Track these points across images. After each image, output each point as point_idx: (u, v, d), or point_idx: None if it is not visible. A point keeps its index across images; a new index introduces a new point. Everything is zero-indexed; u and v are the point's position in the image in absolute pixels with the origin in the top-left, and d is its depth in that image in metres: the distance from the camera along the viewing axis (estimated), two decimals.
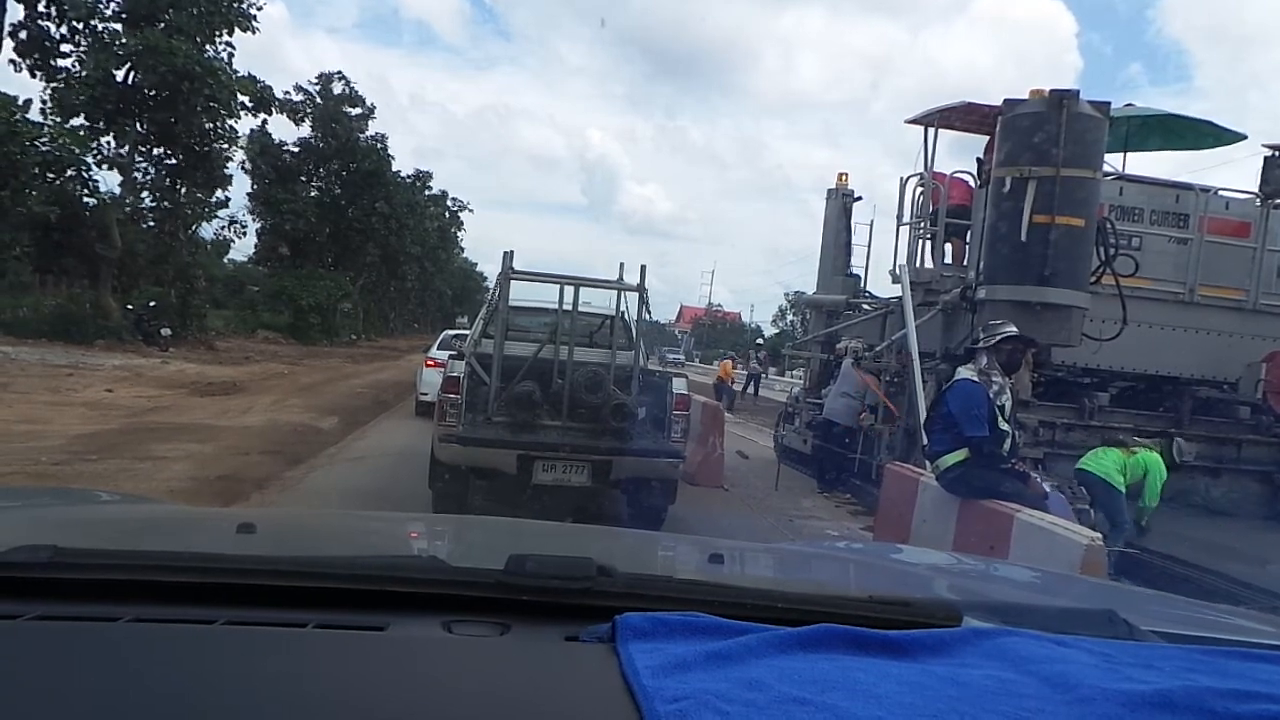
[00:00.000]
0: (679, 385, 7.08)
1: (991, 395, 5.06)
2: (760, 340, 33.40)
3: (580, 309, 6.91)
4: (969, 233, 9.17)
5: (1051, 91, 6.73)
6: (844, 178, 11.95)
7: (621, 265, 7.05)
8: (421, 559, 1.25)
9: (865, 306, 11.43)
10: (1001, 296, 6.85)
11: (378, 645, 0.89)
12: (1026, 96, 7.15)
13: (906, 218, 9.96)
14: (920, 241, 9.96)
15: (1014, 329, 5.45)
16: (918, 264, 9.79)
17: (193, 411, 11.86)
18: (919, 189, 9.89)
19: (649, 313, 7.47)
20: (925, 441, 5.55)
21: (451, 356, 7.36)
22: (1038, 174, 6.60)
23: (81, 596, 0.94)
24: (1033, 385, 7.89)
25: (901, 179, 10.07)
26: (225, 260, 45.23)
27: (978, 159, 9.27)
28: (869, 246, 11.83)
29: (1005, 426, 5.08)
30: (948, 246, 9.67)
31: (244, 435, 10.11)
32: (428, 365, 12.85)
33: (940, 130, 9.99)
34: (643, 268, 7.07)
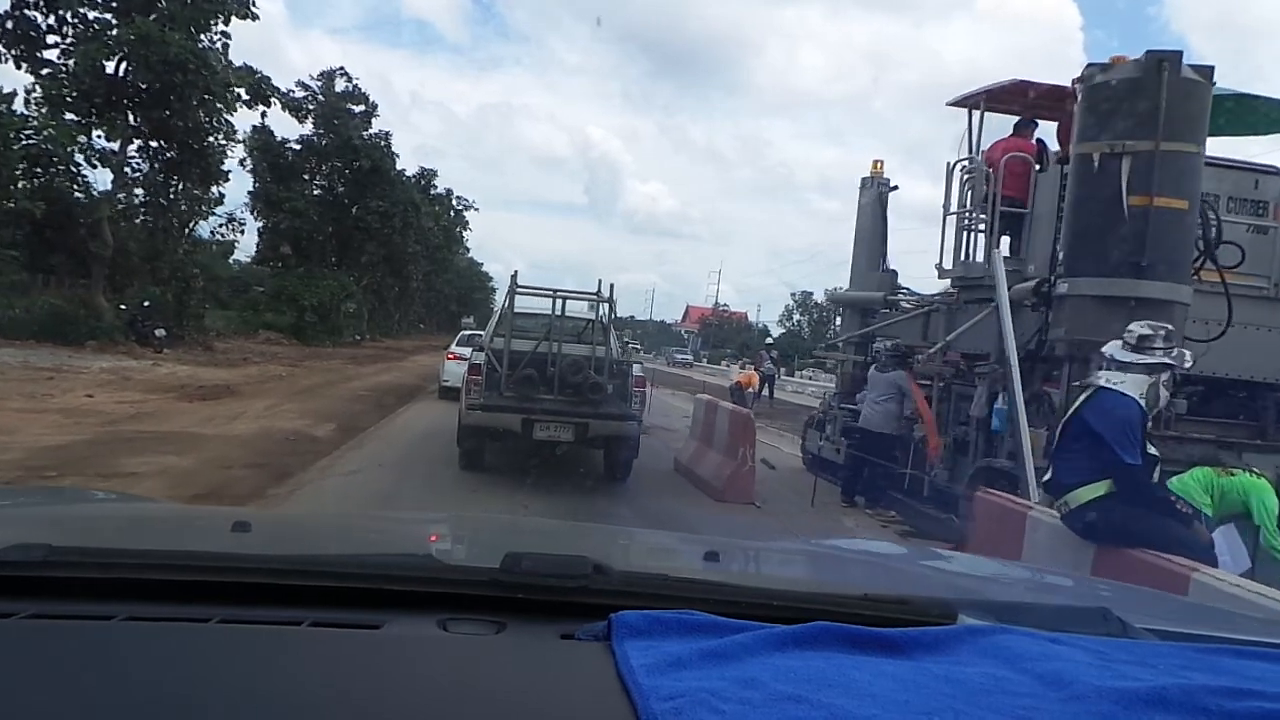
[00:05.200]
0: (637, 370, 9.55)
1: (1148, 413, 4.06)
2: (770, 340, 32.37)
3: (570, 314, 9.21)
4: (1025, 223, 8.31)
5: (1148, 53, 5.83)
6: (879, 165, 11.05)
7: (599, 281, 9.40)
8: (417, 557, 1.16)
9: (904, 304, 10.56)
10: (1086, 291, 5.98)
11: (373, 643, 0.89)
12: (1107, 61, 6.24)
13: (953, 207, 9.10)
14: (965, 234, 9.11)
15: (1170, 334, 4.34)
16: (963, 258, 8.97)
17: (177, 418, 11.10)
18: (966, 176, 9.03)
19: (615, 315, 9.82)
20: (1034, 470, 4.60)
21: (474, 350, 9.70)
22: (1133, 149, 5.70)
23: (76, 595, 0.93)
24: None
25: (948, 164, 9.20)
26: (230, 261, 44.53)
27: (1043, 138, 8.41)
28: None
29: (1155, 451, 4.14)
30: (1003, 239, 8.80)
31: (229, 445, 9.37)
32: (449, 359, 16.06)
33: (987, 113, 9.13)
34: (611, 286, 9.39)
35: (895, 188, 11.08)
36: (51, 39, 21.57)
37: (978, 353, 8.64)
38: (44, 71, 21.04)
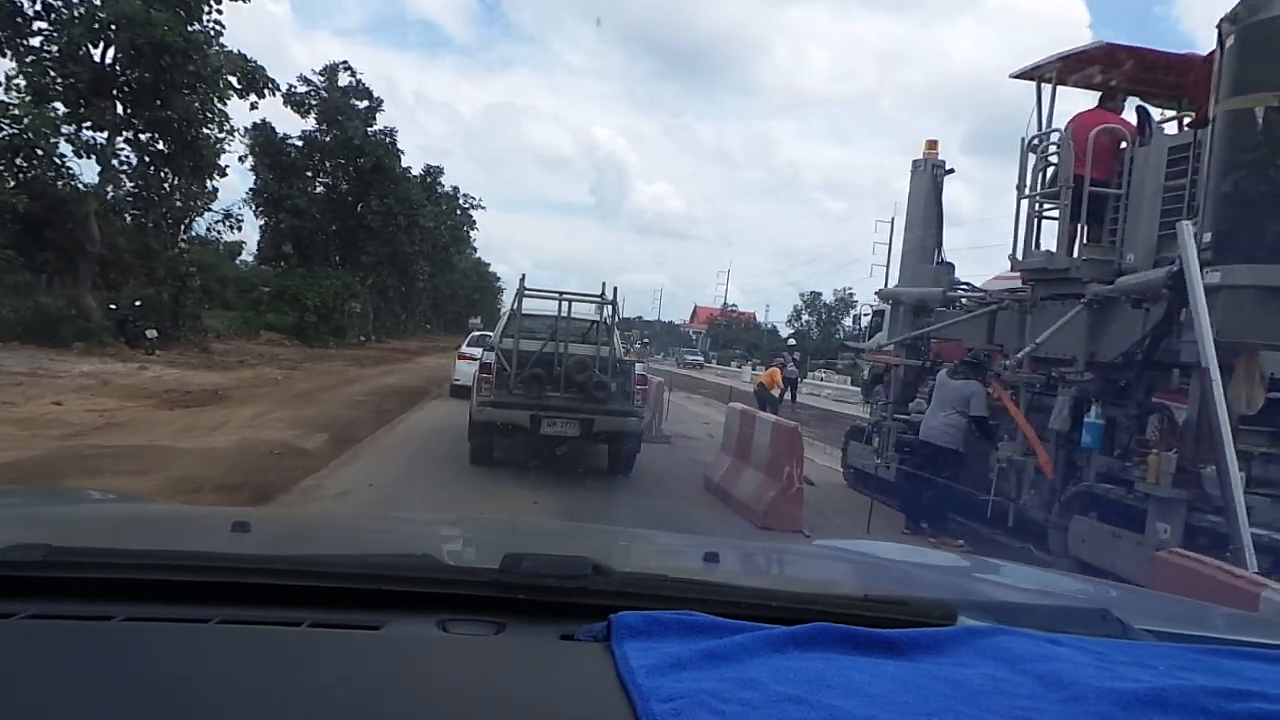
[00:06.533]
0: (639, 369, 10.32)
1: None
2: (793, 341, 31.07)
3: (575, 316, 9.63)
4: (1118, 206, 7.22)
5: None
6: (933, 146, 9.88)
7: (604, 284, 9.80)
8: (417, 558, 1.11)
9: (964, 301, 9.44)
10: (1247, 281, 4.83)
11: (373, 644, 0.88)
12: None
13: (1029, 189, 7.99)
14: (1038, 220, 8.05)
15: None
16: (1033, 246, 7.98)
17: (151, 429, 9.99)
18: (1043, 154, 7.94)
19: (619, 317, 10.37)
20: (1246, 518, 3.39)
21: (484, 349, 10.59)
22: None
23: (75, 595, 0.93)
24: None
25: (1023, 140, 8.12)
26: (238, 261, 43.56)
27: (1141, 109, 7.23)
28: (889, 246, 10.32)
29: None
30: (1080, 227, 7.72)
31: (203, 461, 8.30)
32: (460, 359, 16.66)
33: (1057, 86, 8.11)
34: (615, 289, 9.87)
35: (951, 170, 9.93)
36: (39, 25, 20.49)
37: (1059, 357, 7.50)
38: (29, 59, 19.92)
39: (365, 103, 38.36)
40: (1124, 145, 7.19)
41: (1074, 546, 6.40)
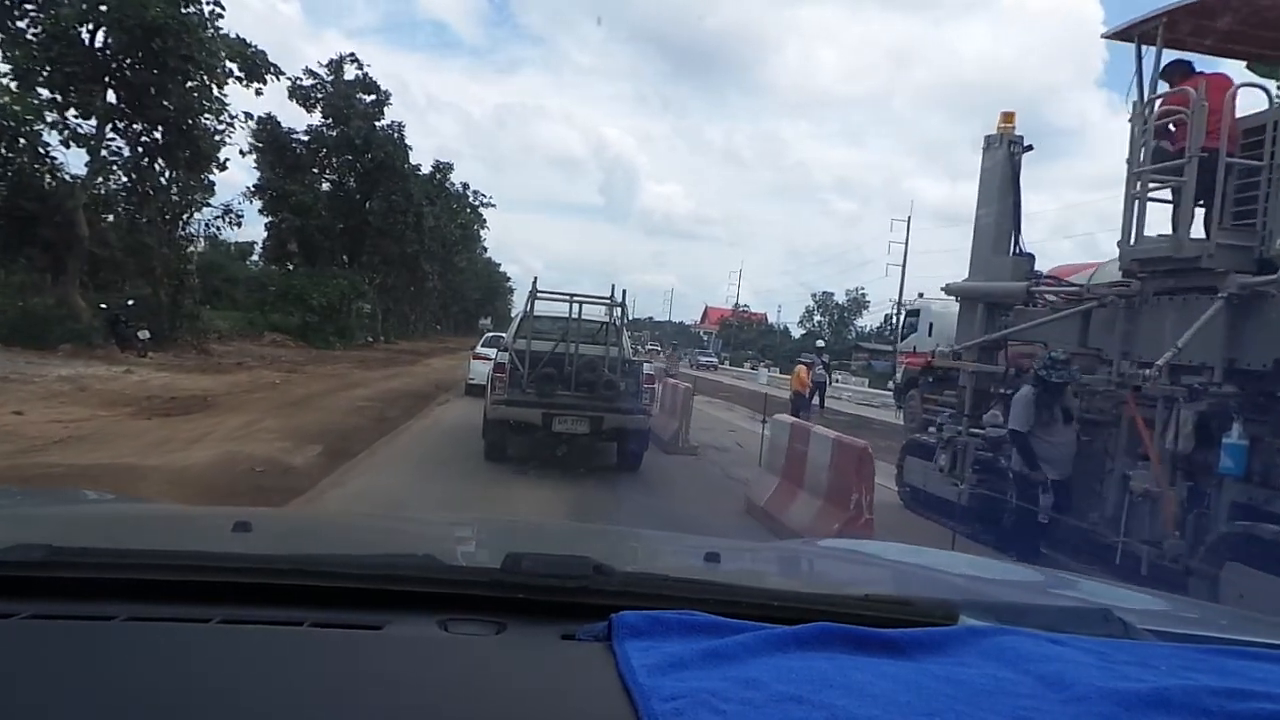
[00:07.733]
0: (647, 369, 11.07)
1: None
2: (822, 341, 29.37)
3: (586, 317, 10.16)
4: (1256, 181, 6.10)
5: None
6: (1009, 120, 8.65)
7: (613, 287, 10.28)
8: (418, 558, 1.10)
9: (1049, 297, 8.24)
10: None
11: (374, 644, 0.87)
12: None
13: (1140, 164, 6.81)
14: (1136, 203, 6.91)
15: None
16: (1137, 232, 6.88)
17: (120, 443, 8.90)
18: (1164, 120, 6.78)
19: (628, 318, 10.84)
20: None
21: (498, 350, 11.02)
22: None
23: (76, 595, 0.92)
24: None
25: (1134, 105, 7.01)
26: (248, 261, 42.69)
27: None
28: (905, 248, 9.95)
29: None
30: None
31: (171, 484, 7.37)
32: (474, 359, 17.55)
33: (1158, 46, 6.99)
34: (624, 291, 10.54)
35: (1030, 148, 8.70)
36: (29, 7, 19.40)
37: (1184, 364, 6.33)
38: (17, 41, 18.83)
39: (372, 96, 37.32)
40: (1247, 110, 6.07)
41: (1226, 599, 5.20)
